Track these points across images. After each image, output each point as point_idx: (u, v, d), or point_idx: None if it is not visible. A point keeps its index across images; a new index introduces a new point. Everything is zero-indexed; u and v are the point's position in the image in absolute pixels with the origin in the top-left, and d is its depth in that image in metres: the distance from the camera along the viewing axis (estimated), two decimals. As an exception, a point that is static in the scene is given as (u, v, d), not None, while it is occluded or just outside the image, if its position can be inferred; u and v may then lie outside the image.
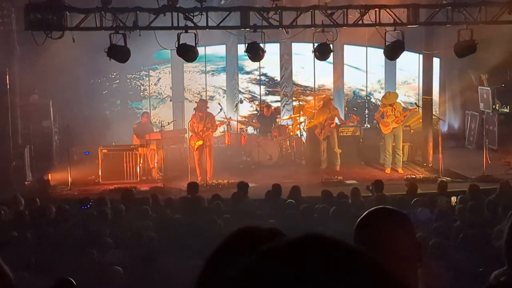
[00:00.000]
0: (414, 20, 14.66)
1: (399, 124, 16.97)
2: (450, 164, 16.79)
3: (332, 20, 14.34)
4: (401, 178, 16.14)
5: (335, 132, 17.60)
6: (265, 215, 10.91)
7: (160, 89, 22.31)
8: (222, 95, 22.14)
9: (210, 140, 16.51)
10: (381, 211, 2.73)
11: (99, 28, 13.87)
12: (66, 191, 15.66)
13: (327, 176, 16.45)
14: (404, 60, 20.55)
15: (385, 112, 17.07)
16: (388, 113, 17.00)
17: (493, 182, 14.90)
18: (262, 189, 13.82)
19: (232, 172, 16.45)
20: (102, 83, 20.37)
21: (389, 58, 15.77)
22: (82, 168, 16.89)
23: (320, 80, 22.52)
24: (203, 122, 16.10)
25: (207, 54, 21.38)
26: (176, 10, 13.84)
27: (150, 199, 12.16)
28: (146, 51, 17.20)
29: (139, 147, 16.87)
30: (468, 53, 14.73)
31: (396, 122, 16.90)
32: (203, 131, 16.09)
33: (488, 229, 8.91)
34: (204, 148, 16.18)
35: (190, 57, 14.46)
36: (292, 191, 12.55)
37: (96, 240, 9.23)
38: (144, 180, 16.55)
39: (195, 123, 16.17)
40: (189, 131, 16.52)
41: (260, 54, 14.54)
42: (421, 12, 14.78)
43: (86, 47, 15.93)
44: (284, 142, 18.82)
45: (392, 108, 16.96)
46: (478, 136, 19.63)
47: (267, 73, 22.55)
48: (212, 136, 16.78)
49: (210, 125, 16.24)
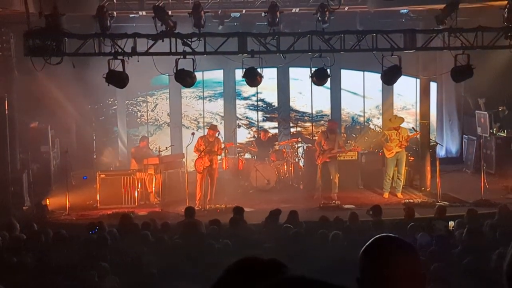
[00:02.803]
0: (411, 45, 14.74)
1: (402, 149, 16.93)
2: (448, 189, 16.78)
3: (329, 45, 14.42)
4: (399, 203, 16.12)
5: (336, 161, 17.28)
6: (263, 240, 10.89)
7: (157, 115, 22.25)
8: (220, 121, 22.13)
9: (216, 163, 16.61)
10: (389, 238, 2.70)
11: (98, 53, 13.93)
12: (64, 216, 15.62)
13: (325, 201, 16.39)
14: (402, 85, 20.64)
15: (389, 135, 16.99)
16: (392, 137, 16.92)
17: (491, 206, 14.88)
18: (260, 213, 13.82)
19: (230, 197, 16.43)
20: (99, 109, 20.38)
21: (386, 83, 15.83)
22: (80, 193, 16.87)
23: (318, 105, 22.53)
24: (210, 146, 16.17)
25: (205, 80, 21.42)
26: (174, 36, 13.92)
27: (148, 224, 12.14)
28: (143, 77, 17.26)
29: (137, 171, 16.88)
30: (465, 78, 14.78)
31: (400, 146, 16.85)
32: (210, 154, 16.16)
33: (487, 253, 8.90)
34: (208, 171, 16.22)
35: (188, 83, 14.50)
36: (290, 216, 12.53)
37: (94, 265, 9.20)
38: (142, 204, 16.53)
39: (202, 146, 16.20)
40: (195, 152, 16.47)
41: (258, 79, 14.60)
42: (418, 37, 14.87)
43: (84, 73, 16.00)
44: (282, 167, 18.82)
45: (397, 133, 16.87)
46: (476, 160, 19.63)
47: (265, 98, 22.55)
48: (217, 159, 16.86)
49: (217, 149, 16.33)
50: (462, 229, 10.84)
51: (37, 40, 13.36)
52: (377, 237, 2.66)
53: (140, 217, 14.36)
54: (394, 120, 17.38)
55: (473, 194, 16.19)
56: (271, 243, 10.56)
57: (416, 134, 17.98)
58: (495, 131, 19.39)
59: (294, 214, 12.62)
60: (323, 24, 14.30)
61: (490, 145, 19.36)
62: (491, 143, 19.33)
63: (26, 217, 14.71)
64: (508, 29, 14.40)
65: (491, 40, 14.55)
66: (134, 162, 17.78)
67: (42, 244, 10.83)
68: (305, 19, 15.40)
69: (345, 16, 16.44)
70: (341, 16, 15.45)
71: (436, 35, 14.63)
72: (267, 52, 14.41)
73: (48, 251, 10.27)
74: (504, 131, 19.41)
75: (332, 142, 16.99)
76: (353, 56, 16.52)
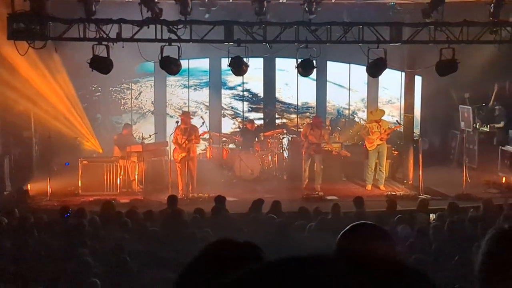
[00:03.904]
0: (397, 38, 14.76)
1: (383, 141, 17.02)
2: (430, 182, 16.86)
3: (316, 36, 14.41)
4: (381, 195, 16.20)
5: (321, 154, 17.35)
6: (245, 229, 10.89)
7: (141, 103, 22.12)
8: (205, 110, 22.06)
9: (193, 152, 16.49)
10: (366, 225, 2.75)
11: (82, 39, 13.83)
12: (45, 202, 15.54)
13: (308, 191, 16.46)
14: (387, 79, 20.69)
15: (371, 128, 17.09)
16: (373, 129, 17.01)
17: (472, 200, 15.02)
18: (243, 203, 13.81)
19: (213, 186, 16.39)
20: (82, 96, 20.23)
21: (372, 75, 15.87)
22: (62, 179, 16.78)
23: (304, 97, 22.52)
24: (186, 134, 16.08)
25: (190, 68, 21.31)
26: (159, 23, 13.84)
27: (130, 212, 12.10)
28: (128, 64, 17.13)
29: (120, 159, 16.81)
30: (450, 72, 14.82)
31: (381, 139, 16.94)
32: (186, 143, 16.06)
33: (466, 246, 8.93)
34: (187, 161, 16.13)
35: (173, 70, 14.44)
36: (273, 206, 12.55)
37: (75, 251, 9.15)
38: (124, 192, 16.48)
39: (179, 135, 16.14)
40: (173, 143, 16.47)
41: (244, 68, 14.56)
42: (404, 30, 14.89)
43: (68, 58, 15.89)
44: (266, 157, 18.82)
45: (378, 125, 16.98)
46: (459, 155, 19.75)
47: (250, 89, 22.50)
48: (195, 148, 16.77)
49: (194, 137, 16.22)
50: (442, 222, 10.89)
51: (21, 23, 13.24)
52: (354, 224, 2.68)
53: (122, 205, 14.31)
54: (375, 113, 17.47)
55: (455, 188, 16.28)
56: (253, 232, 10.55)
57: (397, 127, 18.10)
58: (478, 126, 19.48)
59: (277, 204, 12.64)
60: (310, 15, 14.29)
61: (473, 139, 19.46)
62: (474, 138, 19.43)
63: (7, 202, 14.63)
64: (494, 24, 14.45)
65: (477, 34, 14.60)
66: (117, 149, 17.68)
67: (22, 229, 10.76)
68: (292, 10, 15.35)
69: (332, 7, 16.43)
70: (328, 7, 15.48)
71: (422, 29, 14.65)
72: (253, 42, 14.38)
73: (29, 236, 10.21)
74: (487, 126, 19.50)
75: (317, 135, 17.05)
76: (340, 48, 16.56)
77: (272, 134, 19.56)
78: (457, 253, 8.71)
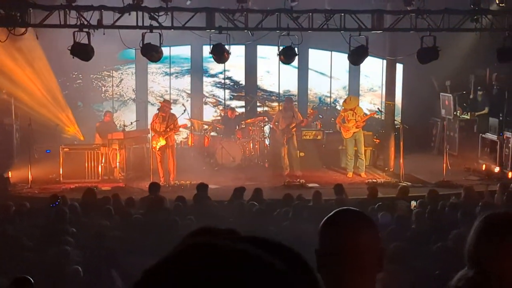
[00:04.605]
0: (379, 25, 14.80)
1: (359, 129, 17.11)
2: (412, 169, 16.97)
3: (298, 24, 14.41)
4: (362, 182, 16.28)
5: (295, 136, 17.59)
6: (227, 217, 10.91)
7: (122, 91, 21.97)
8: (186, 98, 21.98)
9: (172, 141, 16.45)
10: (350, 211, 2.73)
11: (63, 25, 13.74)
12: (26, 189, 15.47)
13: (289, 179, 16.52)
14: (369, 67, 20.73)
15: (346, 116, 17.16)
16: (349, 117, 17.09)
17: (452, 187, 15.14)
18: (224, 190, 13.84)
19: (194, 173, 16.36)
20: (63, 83, 20.07)
21: (353, 63, 15.89)
22: (43, 167, 16.68)
23: (285, 85, 22.49)
24: (165, 123, 16.04)
25: (172, 55, 21.22)
26: (141, 9, 13.78)
27: (112, 199, 12.09)
28: (109, 51, 17.02)
29: (101, 146, 16.74)
30: (431, 60, 14.88)
31: (357, 126, 17.03)
32: (166, 132, 16.02)
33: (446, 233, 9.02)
34: (166, 149, 16.10)
35: (155, 57, 14.40)
36: (254, 193, 12.59)
37: (57, 239, 9.13)
38: (105, 179, 16.43)
39: (157, 124, 16.09)
40: (151, 131, 16.44)
41: (225, 55, 14.55)
42: (386, 18, 14.93)
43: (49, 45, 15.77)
44: (248, 145, 18.83)
45: (353, 113, 17.07)
46: (439, 142, 19.87)
47: (232, 76, 22.43)
48: (173, 136, 16.74)
49: (173, 126, 16.18)
50: (422, 209, 10.98)
51: (1, 10, 13.13)
52: (337, 210, 2.68)
53: (103, 192, 14.27)
54: (350, 101, 17.53)
55: (436, 175, 16.38)
56: (235, 219, 10.59)
57: (372, 114, 18.25)
58: (458, 113, 19.59)
59: (259, 191, 12.68)
60: (292, 2, 14.29)
61: (453, 127, 19.58)
62: (455, 125, 19.55)
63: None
64: (474, 12, 14.53)
65: (458, 22, 14.68)
66: (98, 137, 17.63)
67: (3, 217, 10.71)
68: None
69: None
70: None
71: (403, 17, 14.71)
72: (235, 29, 14.36)
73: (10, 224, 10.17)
74: (467, 114, 19.63)
75: (289, 118, 17.17)
76: (321, 35, 16.55)
77: (253, 121, 19.55)
78: (436, 239, 8.79)
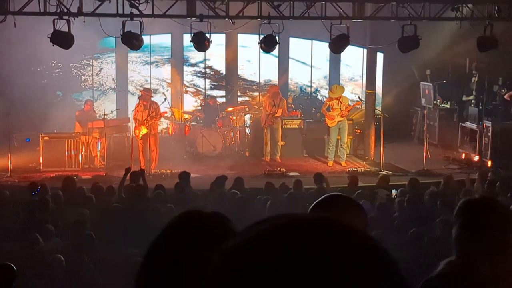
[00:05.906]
0: (360, 14, 14.83)
1: (344, 118, 17.14)
2: (392, 158, 17.06)
3: (279, 12, 14.39)
4: (343, 171, 16.34)
5: (280, 124, 17.70)
6: (208, 205, 10.90)
7: (102, 80, 21.81)
8: (166, 88, 21.88)
9: (154, 129, 16.39)
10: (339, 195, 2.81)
11: (43, 13, 13.63)
12: (6, 178, 15.38)
13: (270, 168, 16.55)
14: (350, 56, 20.76)
15: (331, 105, 17.17)
16: (334, 106, 17.10)
17: (432, 176, 15.24)
18: (205, 179, 13.82)
19: (175, 162, 16.32)
20: (42, 72, 19.88)
21: (334, 52, 15.92)
22: (22, 155, 16.59)
23: (266, 74, 22.45)
24: (147, 111, 15.97)
25: (152, 44, 21.07)
26: (121, -3, 13.71)
27: (92, 188, 12.04)
28: (89, 39, 16.90)
29: (82, 135, 16.66)
30: (412, 49, 14.95)
31: (341, 115, 17.05)
32: (148, 120, 15.96)
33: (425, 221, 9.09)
34: (148, 137, 16.05)
35: (135, 45, 14.35)
36: (235, 182, 12.60)
37: (37, 227, 9.08)
38: (86, 168, 16.38)
39: (139, 112, 16.02)
40: (133, 120, 16.37)
41: (206, 44, 14.52)
42: (367, 6, 14.95)
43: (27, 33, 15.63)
44: (228, 134, 18.82)
45: (338, 102, 17.07)
46: (419, 131, 19.98)
47: (213, 65, 22.34)
48: (157, 125, 16.70)
49: (155, 114, 16.12)
50: (403, 197, 11.04)
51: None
52: (328, 195, 2.71)
53: (84, 181, 14.22)
54: (335, 90, 17.53)
55: (416, 164, 16.47)
56: (216, 208, 10.57)
57: (357, 103, 18.26)
58: (438, 102, 19.70)
59: (240, 180, 12.70)
60: (273, -9, 14.27)
61: (433, 116, 19.69)
62: (435, 114, 19.66)
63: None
64: (455, 1, 14.60)
65: (438, 11, 14.75)
66: (78, 125, 17.52)
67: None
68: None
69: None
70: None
71: (384, 5, 14.74)
72: (215, 17, 14.33)
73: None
74: (447, 103, 19.75)
75: (276, 107, 17.25)
76: (302, 24, 16.54)
77: (234, 110, 19.54)
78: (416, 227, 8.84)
